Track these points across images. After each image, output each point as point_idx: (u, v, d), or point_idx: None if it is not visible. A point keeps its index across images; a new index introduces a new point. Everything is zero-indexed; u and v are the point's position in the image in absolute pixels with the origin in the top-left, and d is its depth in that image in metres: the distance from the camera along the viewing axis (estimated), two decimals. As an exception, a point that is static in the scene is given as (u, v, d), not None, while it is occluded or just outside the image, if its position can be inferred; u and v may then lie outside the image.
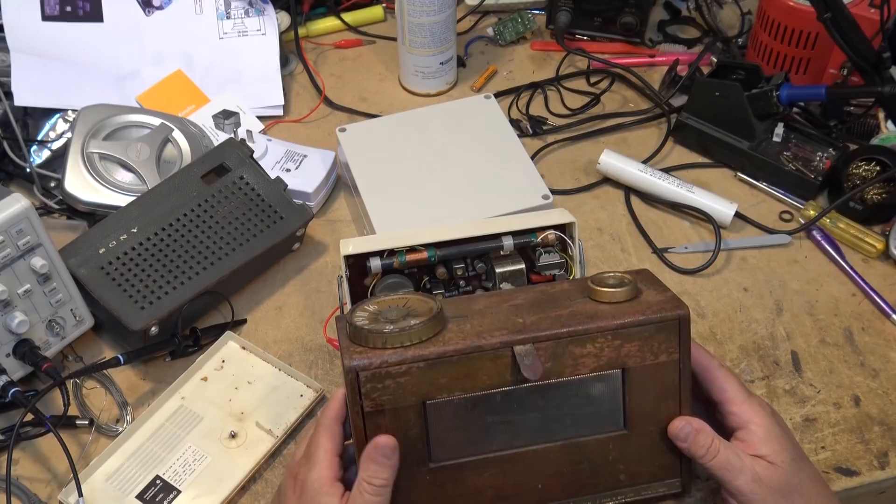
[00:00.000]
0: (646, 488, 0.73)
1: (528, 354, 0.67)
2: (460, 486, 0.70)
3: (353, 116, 1.19)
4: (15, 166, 1.07)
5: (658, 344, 0.69)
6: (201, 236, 0.94)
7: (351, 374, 0.66)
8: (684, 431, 0.70)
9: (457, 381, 0.68)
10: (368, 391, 0.67)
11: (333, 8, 1.33)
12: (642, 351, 0.69)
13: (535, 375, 0.67)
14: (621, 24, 1.26)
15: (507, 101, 1.20)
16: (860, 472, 0.83)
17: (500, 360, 0.68)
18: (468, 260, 0.87)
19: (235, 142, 1.01)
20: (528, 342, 0.67)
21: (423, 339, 0.67)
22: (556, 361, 0.68)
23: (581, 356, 0.69)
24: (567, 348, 0.68)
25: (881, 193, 1.03)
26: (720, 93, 1.08)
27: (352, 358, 0.66)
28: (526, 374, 0.66)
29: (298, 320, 0.96)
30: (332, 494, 0.67)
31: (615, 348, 0.69)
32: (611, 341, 0.69)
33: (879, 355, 0.92)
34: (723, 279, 0.99)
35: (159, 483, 0.81)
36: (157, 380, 0.91)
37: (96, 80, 1.16)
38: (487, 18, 1.34)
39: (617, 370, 0.70)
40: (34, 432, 0.82)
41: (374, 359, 0.66)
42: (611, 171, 1.08)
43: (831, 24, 1.00)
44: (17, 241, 0.81)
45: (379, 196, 0.98)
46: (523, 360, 0.67)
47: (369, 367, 0.66)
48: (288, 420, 0.86)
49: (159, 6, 1.21)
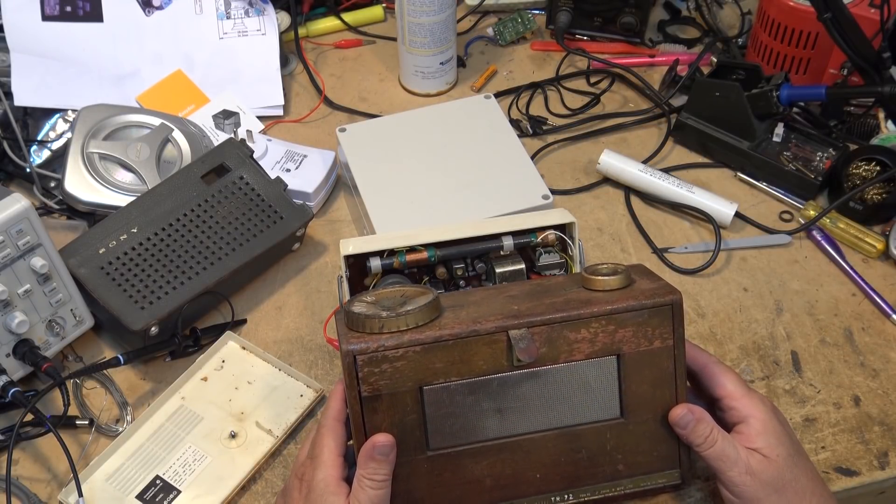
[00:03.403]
0: (645, 479, 0.74)
1: (523, 338, 0.68)
2: (458, 474, 0.71)
3: (353, 116, 1.19)
4: (15, 166, 1.07)
5: (652, 329, 0.70)
6: (201, 236, 0.94)
7: (348, 357, 0.67)
8: (685, 419, 0.70)
9: (453, 366, 0.69)
10: (366, 375, 0.67)
11: (333, 8, 1.33)
12: (636, 336, 0.70)
13: (531, 357, 0.68)
14: (621, 24, 1.26)
15: (507, 101, 1.20)
16: (860, 472, 0.83)
17: (495, 344, 0.69)
18: (468, 260, 0.87)
19: (235, 142, 1.01)
20: (523, 326, 0.68)
21: (420, 323, 0.68)
22: (551, 346, 0.69)
23: (576, 341, 0.70)
24: (562, 333, 0.69)
25: (881, 193, 1.03)
26: (720, 93, 1.08)
27: (349, 342, 0.67)
28: (521, 356, 0.68)
29: (298, 320, 0.96)
30: (339, 494, 0.68)
31: (609, 333, 0.70)
32: (605, 326, 0.70)
33: (879, 355, 0.92)
34: (723, 279, 0.99)
35: (159, 483, 0.81)
36: (157, 380, 0.91)
37: (96, 80, 1.16)
38: (487, 18, 1.34)
39: (612, 356, 0.70)
40: (34, 432, 0.83)
41: (370, 343, 0.67)
42: (611, 171, 1.08)
43: (831, 24, 1.00)
44: (17, 241, 0.81)
45: (379, 196, 0.98)
46: (518, 343, 0.68)
47: (366, 350, 0.67)
48: (288, 420, 0.86)
49: (159, 6, 1.21)
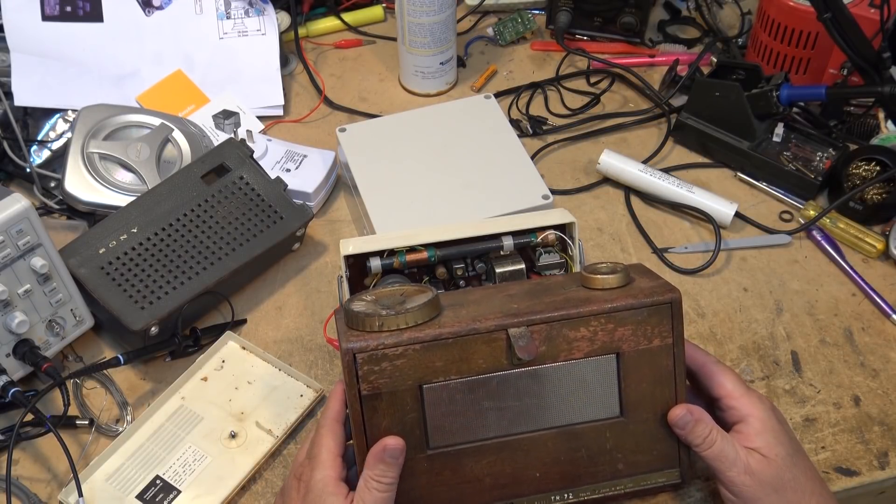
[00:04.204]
0: (645, 478, 0.74)
1: (522, 336, 0.68)
2: (458, 473, 0.71)
3: (353, 116, 1.19)
4: (15, 166, 1.07)
5: (651, 328, 0.70)
6: (201, 236, 0.94)
7: (348, 355, 0.67)
8: (684, 420, 0.70)
9: (453, 364, 0.69)
10: (365, 374, 0.67)
11: (333, 8, 1.33)
12: (635, 335, 0.70)
13: (530, 355, 0.68)
14: (621, 24, 1.26)
15: (507, 101, 1.20)
16: (860, 472, 0.83)
17: (495, 343, 0.69)
18: (468, 260, 0.87)
19: (235, 142, 1.01)
20: (522, 325, 0.69)
21: (419, 321, 0.68)
22: (551, 345, 0.70)
23: (575, 340, 0.70)
24: (561, 332, 0.69)
25: (881, 193, 1.03)
26: (720, 93, 1.08)
27: (349, 340, 0.67)
28: (520, 354, 0.68)
29: (298, 320, 0.96)
30: (337, 494, 0.68)
31: (608, 332, 0.70)
32: (604, 325, 0.70)
33: (879, 355, 0.92)
34: (723, 279, 0.99)
35: (159, 483, 0.81)
36: (157, 380, 0.91)
37: (96, 80, 1.16)
38: (487, 18, 1.34)
39: (611, 355, 0.70)
40: (34, 432, 0.83)
41: (370, 341, 0.67)
42: (611, 171, 1.08)
43: (831, 24, 1.00)
44: (17, 241, 0.81)
45: (379, 196, 0.98)
46: (517, 341, 0.68)
47: (366, 349, 0.67)
48: (288, 420, 0.86)
49: (159, 6, 1.21)
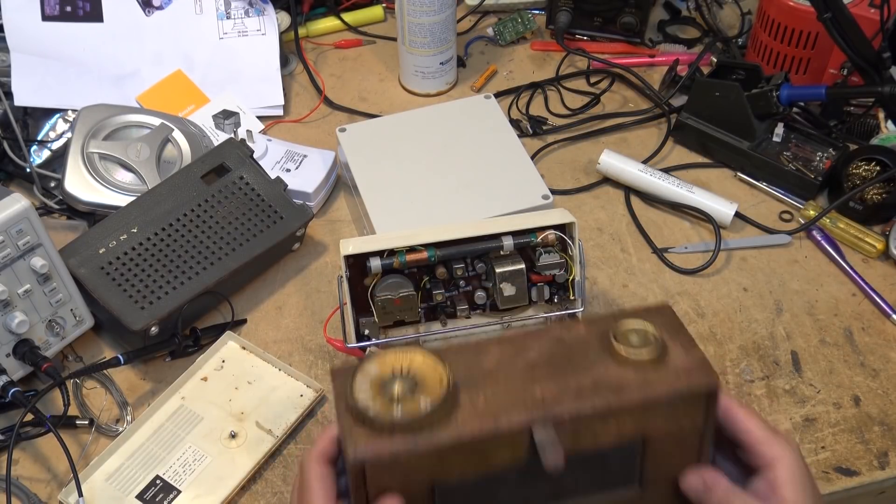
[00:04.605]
0: None
1: (549, 443, 0.60)
2: None
3: (353, 116, 1.19)
4: (15, 166, 1.07)
5: (683, 411, 0.64)
6: (201, 236, 0.94)
7: (356, 466, 0.59)
8: (696, 488, 0.67)
9: (469, 464, 0.62)
10: (374, 478, 0.60)
11: (333, 8, 1.33)
12: (666, 420, 0.64)
13: (558, 464, 0.61)
14: (621, 24, 1.26)
15: (507, 101, 1.20)
16: (860, 472, 0.83)
17: (516, 442, 0.61)
18: (468, 260, 0.87)
19: (235, 142, 1.01)
20: (548, 421, 0.61)
21: (434, 421, 0.60)
22: (576, 437, 0.62)
23: (603, 431, 0.63)
24: (589, 426, 0.62)
25: (881, 193, 1.03)
26: (720, 93, 1.08)
27: (356, 446, 0.58)
28: (547, 465, 0.60)
29: (298, 320, 0.96)
30: None
31: (639, 420, 0.63)
32: (636, 415, 0.63)
33: (879, 355, 0.92)
34: (723, 279, 0.99)
35: (159, 483, 0.81)
36: (157, 380, 0.91)
37: (96, 80, 1.16)
38: (487, 18, 1.34)
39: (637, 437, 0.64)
40: (34, 432, 0.83)
41: (381, 449, 0.58)
42: (611, 171, 1.08)
43: (831, 24, 1.00)
44: (17, 241, 0.81)
45: (379, 196, 0.98)
46: (544, 450, 0.60)
47: (377, 458, 0.59)
48: (288, 420, 0.86)
49: (159, 6, 1.21)
